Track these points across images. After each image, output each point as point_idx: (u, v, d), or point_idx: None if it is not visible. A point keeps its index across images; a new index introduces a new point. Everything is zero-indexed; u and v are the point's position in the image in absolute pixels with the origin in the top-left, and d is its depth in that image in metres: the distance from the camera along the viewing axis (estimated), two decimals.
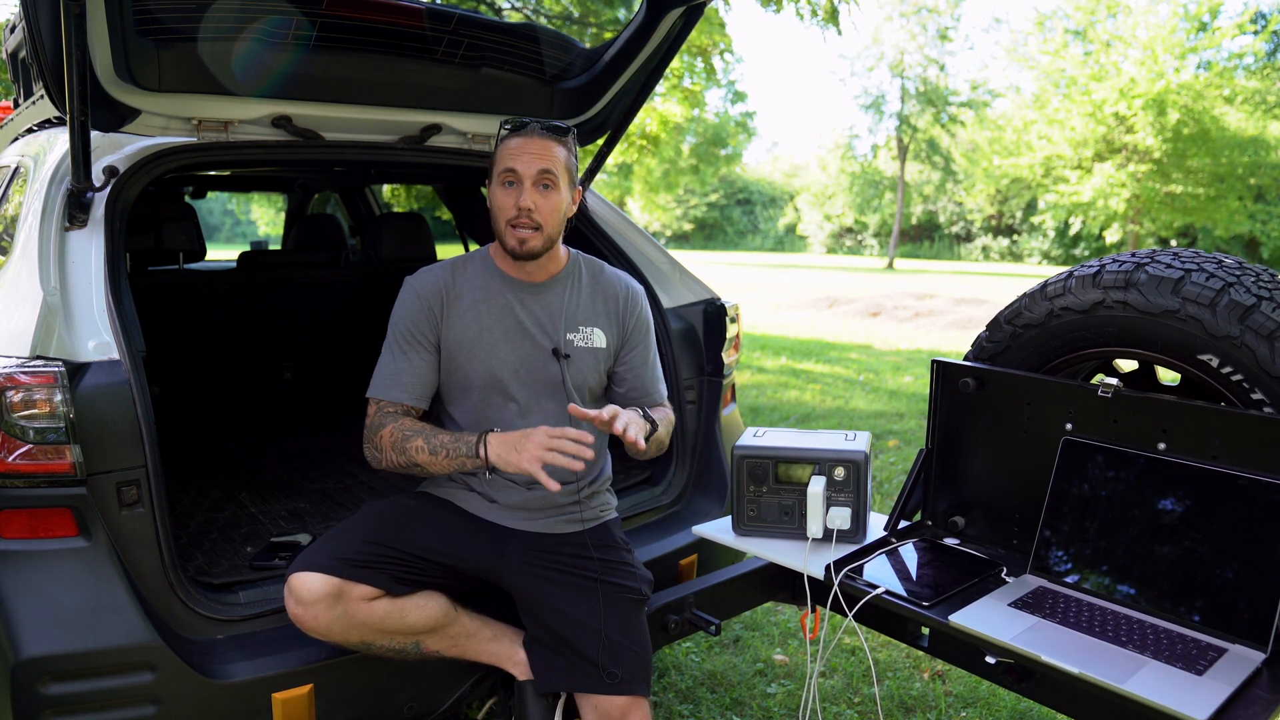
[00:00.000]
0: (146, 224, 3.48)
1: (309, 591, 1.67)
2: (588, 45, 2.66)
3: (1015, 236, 38.50)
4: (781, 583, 2.17)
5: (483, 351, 1.88)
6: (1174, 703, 1.34)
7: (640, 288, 2.08)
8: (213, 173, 4.95)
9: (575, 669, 1.76)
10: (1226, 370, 1.64)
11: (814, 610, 1.85)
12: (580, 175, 2.07)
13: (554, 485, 1.63)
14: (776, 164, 52.14)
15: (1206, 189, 24.16)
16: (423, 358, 1.89)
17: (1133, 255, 1.79)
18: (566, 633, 1.78)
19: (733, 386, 2.81)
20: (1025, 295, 1.94)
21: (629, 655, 1.76)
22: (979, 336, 2.04)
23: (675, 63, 8.96)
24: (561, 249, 1.97)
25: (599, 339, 1.97)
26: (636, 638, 1.80)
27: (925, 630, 1.93)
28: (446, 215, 7.55)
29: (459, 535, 1.87)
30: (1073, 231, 29.31)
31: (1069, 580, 1.71)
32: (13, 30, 2.80)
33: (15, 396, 1.61)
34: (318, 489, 2.90)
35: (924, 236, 42.63)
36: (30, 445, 1.62)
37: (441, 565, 1.82)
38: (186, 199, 4.96)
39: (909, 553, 1.91)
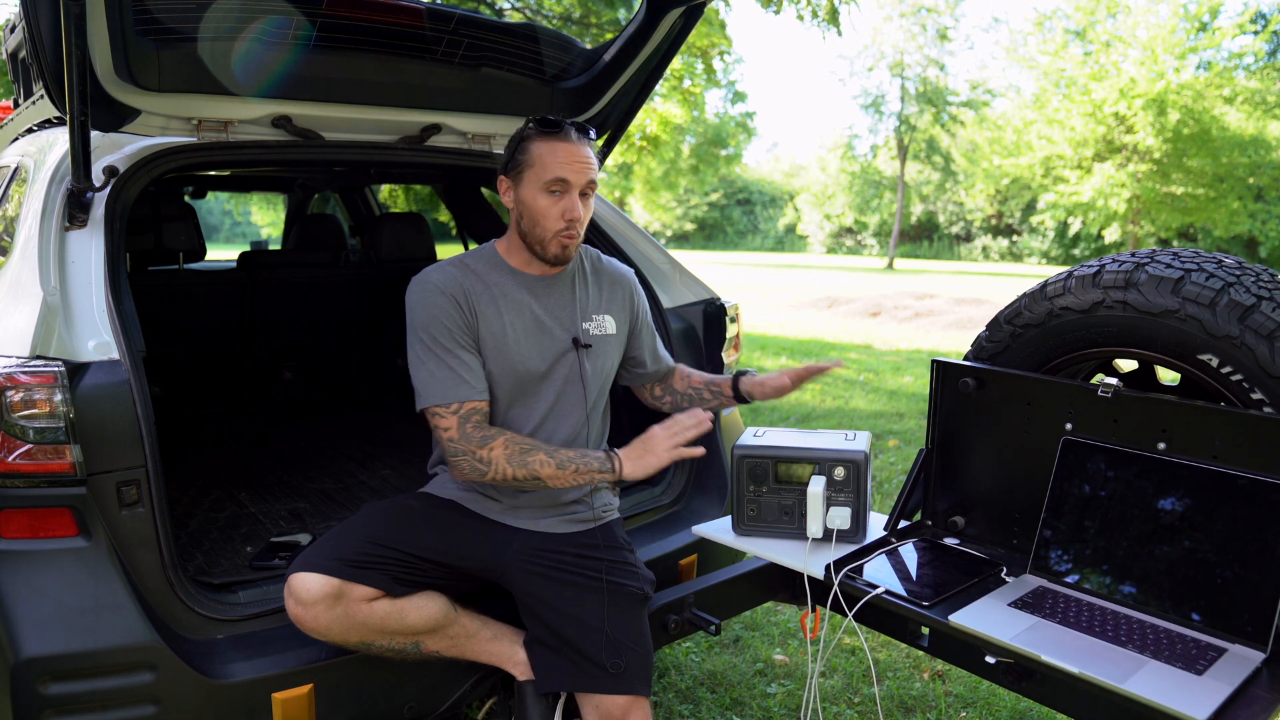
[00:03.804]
0: (146, 224, 3.48)
1: (309, 592, 1.67)
2: (588, 45, 2.66)
3: (1015, 236, 38.49)
4: (781, 583, 2.17)
5: (507, 349, 1.87)
6: (1174, 703, 1.34)
7: (631, 270, 2.15)
8: (213, 173, 4.95)
9: (577, 668, 1.76)
10: (1226, 370, 1.64)
11: (814, 610, 1.85)
12: None
13: (700, 451, 1.78)
14: (776, 164, 52.14)
15: (1206, 189, 24.13)
16: (471, 354, 1.83)
17: (1133, 255, 1.79)
18: (568, 632, 1.78)
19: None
20: (1025, 295, 1.94)
21: (631, 654, 1.76)
22: (979, 336, 2.04)
23: (675, 63, 8.97)
24: None
25: (610, 326, 2.00)
26: (638, 637, 1.80)
27: (925, 630, 1.93)
28: (445, 216, 7.56)
29: (461, 534, 1.87)
30: (1072, 231, 29.29)
31: (1069, 580, 1.71)
32: (13, 30, 2.80)
33: (15, 396, 1.61)
34: (318, 489, 2.90)
35: (924, 236, 42.62)
36: (30, 445, 1.62)
37: (442, 565, 1.82)
38: (186, 199, 4.96)
39: (909, 553, 1.91)
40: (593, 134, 1.91)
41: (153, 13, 2.04)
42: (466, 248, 4.46)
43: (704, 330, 2.67)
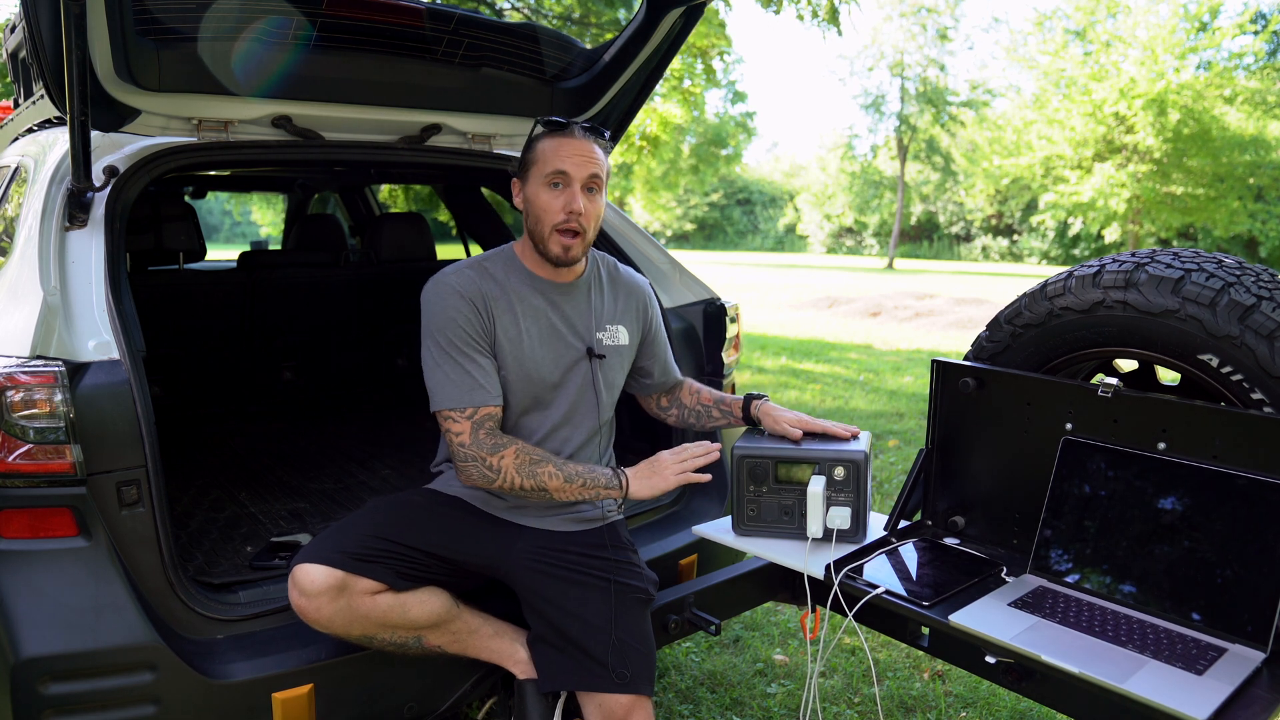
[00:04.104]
0: (146, 224, 3.49)
1: (313, 583, 1.67)
2: (588, 45, 2.66)
3: (1015, 236, 38.49)
4: (781, 583, 2.17)
5: (523, 355, 1.86)
6: (1174, 702, 1.34)
7: (648, 281, 2.14)
8: (213, 173, 4.95)
9: (581, 667, 1.76)
10: (1226, 370, 1.64)
11: (814, 610, 1.85)
12: None
13: (707, 477, 1.81)
14: (776, 164, 52.14)
15: (1206, 189, 24.13)
16: (487, 358, 1.82)
17: (1133, 255, 1.79)
18: (572, 631, 1.78)
19: (733, 386, 2.81)
20: (1025, 295, 1.93)
21: (634, 654, 1.76)
22: (979, 336, 2.04)
23: (675, 64, 8.97)
24: None
25: (623, 336, 2.00)
26: (642, 637, 1.81)
27: (925, 630, 1.93)
28: (445, 216, 7.56)
29: (466, 531, 1.87)
30: (1072, 231, 29.30)
31: (1069, 580, 1.71)
32: (13, 30, 2.81)
33: (15, 396, 1.61)
34: (318, 489, 2.90)
35: (924, 236, 42.62)
36: (30, 445, 1.62)
37: (447, 561, 1.82)
38: (186, 199, 4.96)
39: (909, 553, 1.91)
40: (606, 134, 1.90)
41: (153, 13, 2.04)
42: (467, 248, 4.47)
43: (704, 330, 2.67)
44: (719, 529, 2.06)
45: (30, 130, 2.77)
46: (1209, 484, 1.57)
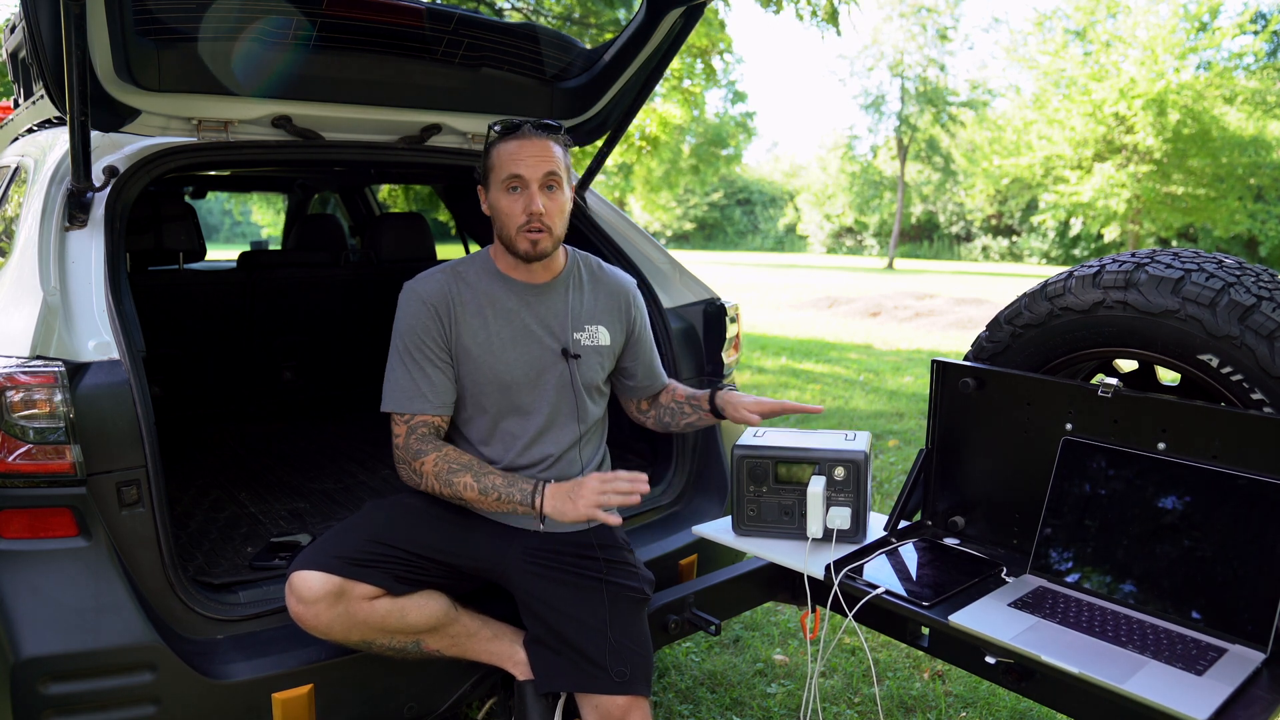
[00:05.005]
0: (146, 224, 3.49)
1: (310, 590, 1.67)
2: (588, 45, 2.66)
3: (1015, 236, 38.49)
4: (781, 583, 2.17)
5: (491, 358, 1.87)
6: (1174, 703, 1.34)
7: (634, 281, 2.12)
8: (213, 173, 4.95)
9: (577, 668, 1.76)
10: (1226, 370, 1.64)
11: (814, 610, 1.85)
12: (580, 176, 2.10)
13: (616, 519, 1.68)
14: (776, 164, 52.15)
15: (1207, 189, 24.14)
16: (438, 367, 1.85)
17: (1133, 255, 1.79)
18: (568, 632, 1.78)
19: (733, 387, 2.81)
20: (1025, 295, 1.93)
21: (630, 655, 1.76)
22: (979, 336, 2.04)
23: (675, 63, 8.98)
24: (560, 248, 1.97)
25: (604, 337, 1.98)
26: (638, 637, 1.80)
27: (925, 630, 1.93)
28: (445, 216, 7.56)
29: (462, 534, 1.87)
30: (1072, 232, 29.31)
31: (1069, 580, 1.71)
32: (13, 30, 2.81)
33: (15, 396, 1.61)
34: (318, 489, 2.90)
35: (924, 236, 42.63)
36: (30, 445, 1.62)
37: (444, 564, 1.82)
38: (186, 199, 4.96)
39: (909, 553, 1.91)
40: (562, 129, 1.90)
41: (153, 13, 2.04)
42: (466, 247, 4.47)
43: (704, 330, 2.67)
44: (719, 529, 2.06)
45: (30, 130, 2.77)
46: (1209, 484, 1.57)
